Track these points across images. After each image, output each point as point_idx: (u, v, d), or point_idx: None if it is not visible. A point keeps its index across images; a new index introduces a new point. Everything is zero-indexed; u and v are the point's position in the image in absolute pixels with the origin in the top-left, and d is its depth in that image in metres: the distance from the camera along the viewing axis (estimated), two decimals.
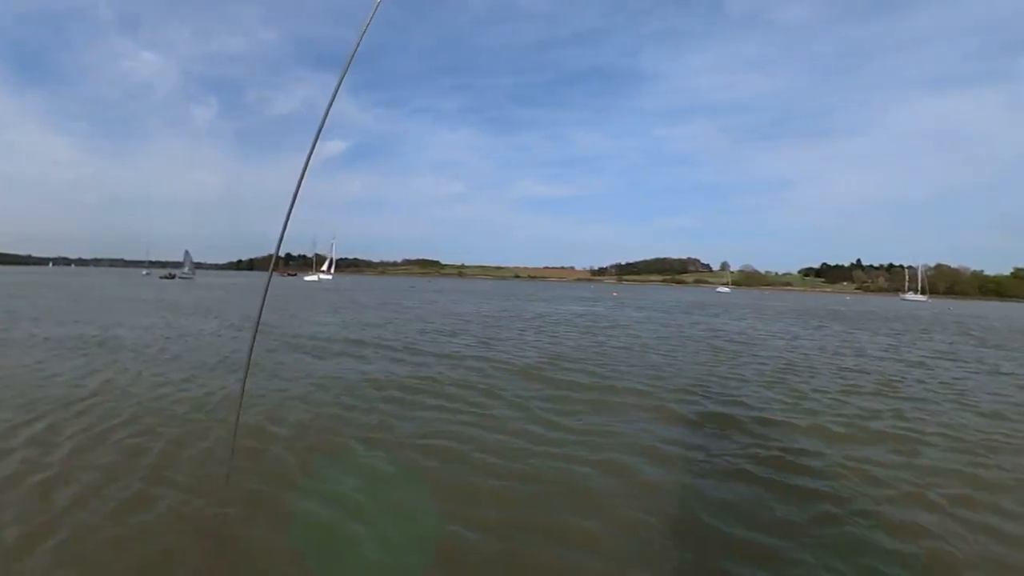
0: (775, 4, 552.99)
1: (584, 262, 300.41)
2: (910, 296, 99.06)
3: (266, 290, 2.03)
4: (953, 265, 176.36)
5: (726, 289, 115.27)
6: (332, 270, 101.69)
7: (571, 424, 5.68)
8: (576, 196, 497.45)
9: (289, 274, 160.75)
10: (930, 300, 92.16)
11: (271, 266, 2.30)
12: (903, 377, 9.36)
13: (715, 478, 4.28)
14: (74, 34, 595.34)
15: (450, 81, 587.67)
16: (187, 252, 76.46)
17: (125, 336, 11.39)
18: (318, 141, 2.06)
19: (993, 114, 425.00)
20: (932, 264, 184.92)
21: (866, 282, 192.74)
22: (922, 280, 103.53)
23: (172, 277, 66.34)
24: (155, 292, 31.72)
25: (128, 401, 5.97)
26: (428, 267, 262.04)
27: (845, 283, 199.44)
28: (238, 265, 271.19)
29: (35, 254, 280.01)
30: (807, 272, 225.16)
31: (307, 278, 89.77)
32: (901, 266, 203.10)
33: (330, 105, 2.07)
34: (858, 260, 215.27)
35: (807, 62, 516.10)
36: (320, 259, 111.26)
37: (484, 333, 14.30)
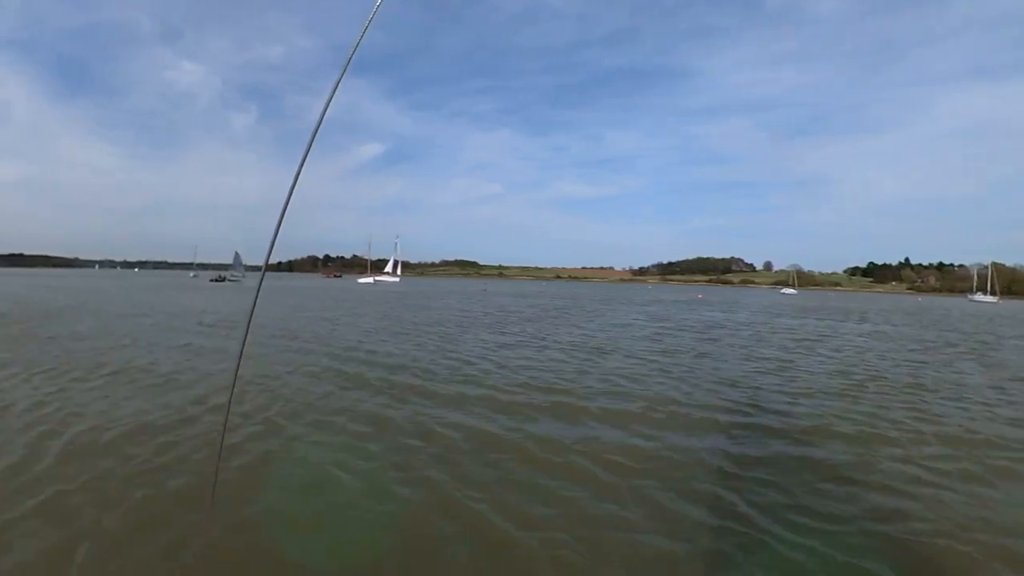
0: None
1: (621, 262, 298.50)
2: (979, 297, 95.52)
3: (258, 290, 2.19)
4: (1008, 264, 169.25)
5: (792, 291, 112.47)
6: (399, 271, 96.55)
7: None
8: (611, 196, 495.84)
9: (334, 275, 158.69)
10: (1001, 301, 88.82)
11: (263, 268, 2.15)
12: None
13: None
14: (118, 46, 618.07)
15: (485, 83, 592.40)
16: (237, 254, 75.43)
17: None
18: (315, 138, 1.98)
19: None
20: (985, 263, 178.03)
21: (917, 282, 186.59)
22: (991, 280, 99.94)
23: (222, 280, 65.73)
24: (223, 299, 29.57)
25: None
26: (467, 268, 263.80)
27: (894, 283, 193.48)
28: (278, 267, 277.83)
29: (82, 257, 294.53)
30: (853, 271, 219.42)
31: (361, 280, 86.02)
32: (952, 265, 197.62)
33: (327, 104, 1.93)
34: (906, 259, 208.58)
35: (844, 56, 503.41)
36: (377, 262, 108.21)
37: (752, 355, 14.11)
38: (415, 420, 6.37)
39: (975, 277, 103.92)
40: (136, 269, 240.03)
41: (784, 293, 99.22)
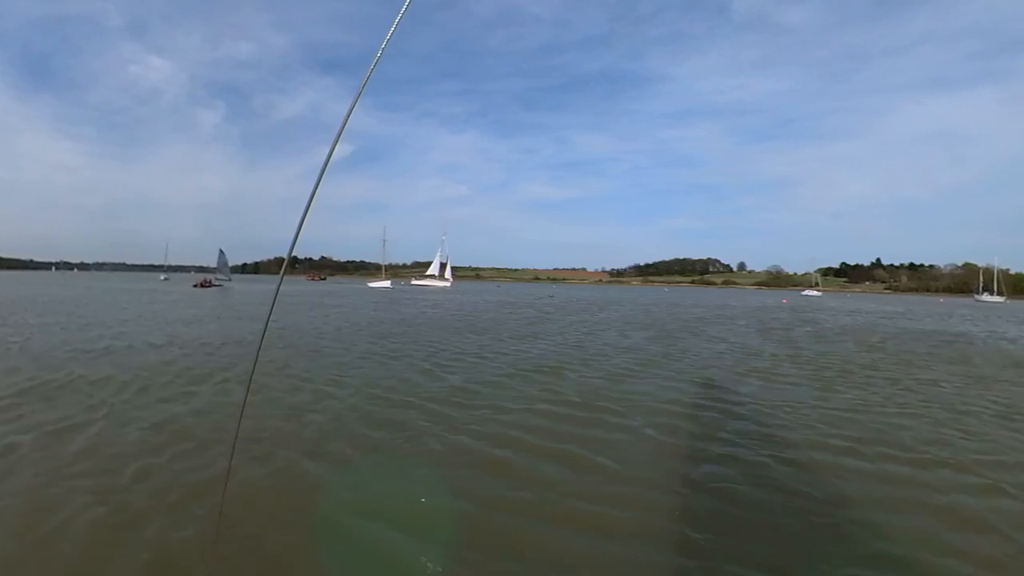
0: (777, 7, 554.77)
1: (593, 263, 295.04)
2: (986, 297, 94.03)
3: (275, 296, 1.79)
4: (980, 264, 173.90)
5: (818, 293, 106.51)
6: (447, 274, 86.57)
7: None
8: (581, 198, 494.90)
9: (319, 278, 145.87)
10: (1009, 301, 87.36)
11: (282, 270, 1.96)
12: None
13: None
14: (83, 40, 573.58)
15: (456, 86, 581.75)
16: (222, 252, 64.87)
17: None
18: (336, 148, 1.65)
19: (992, 113, 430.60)
20: (959, 263, 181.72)
21: (891, 281, 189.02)
22: (998, 281, 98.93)
23: (208, 285, 52.74)
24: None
25: None
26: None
27: (868, 283, 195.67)
28: (243, 269, 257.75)
29: (36, 258, 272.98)
30: (826, 272, 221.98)
31: (372, 284, 76.70)
32: (923, 265, 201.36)
33: (349, 112, 1.68)
34: (878, 259, 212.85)
35: (809, 64, 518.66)
36: (423, 265, 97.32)
37: None
38: None
39: (995, 276, 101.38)
40: (90, 271, 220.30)
41: (804, 295, 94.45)
